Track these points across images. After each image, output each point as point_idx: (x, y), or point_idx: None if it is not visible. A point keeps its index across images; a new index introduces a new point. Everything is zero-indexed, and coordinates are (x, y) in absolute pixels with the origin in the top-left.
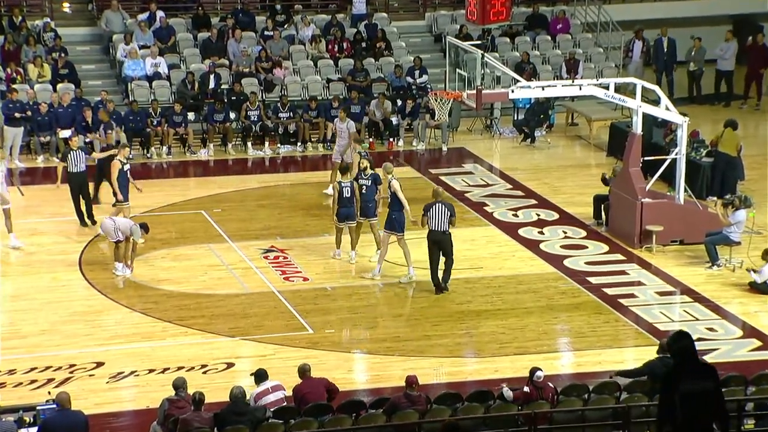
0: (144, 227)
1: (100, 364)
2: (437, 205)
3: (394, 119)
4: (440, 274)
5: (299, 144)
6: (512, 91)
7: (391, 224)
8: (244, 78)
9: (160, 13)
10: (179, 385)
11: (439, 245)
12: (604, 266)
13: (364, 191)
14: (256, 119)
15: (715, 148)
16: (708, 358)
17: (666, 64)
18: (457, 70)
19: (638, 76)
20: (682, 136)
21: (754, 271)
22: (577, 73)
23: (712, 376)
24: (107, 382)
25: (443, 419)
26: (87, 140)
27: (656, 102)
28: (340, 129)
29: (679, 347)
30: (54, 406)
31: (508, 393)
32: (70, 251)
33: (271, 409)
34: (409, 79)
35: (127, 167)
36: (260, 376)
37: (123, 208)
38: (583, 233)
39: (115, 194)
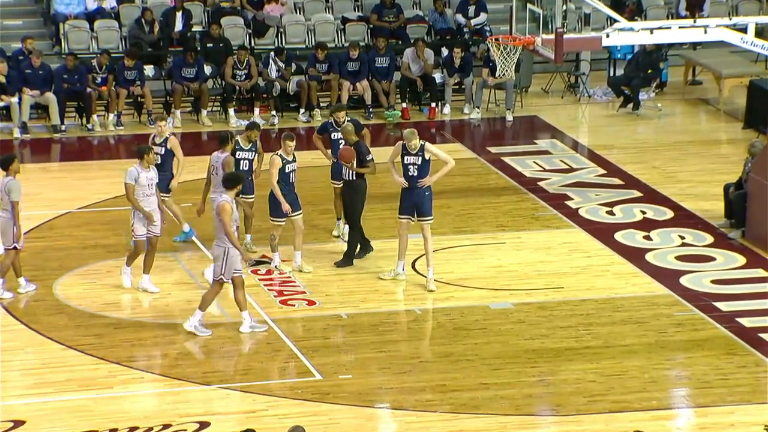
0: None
1: (19, 424)
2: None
3: (437, 76)
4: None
5: (302, 111)
6: (607, 36)
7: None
8: (224, 17)
9: None
10: None
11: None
12: (740, 286)
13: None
14: (243, 78)
15: None
16: None
17: None
18: (528, 5)
19: None
20: None
21: None
22: (701, 10)
23: None
24: None
25: None
26: (1, 104)
27: None
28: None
29: None
30: None
31: None
32: None
33: None
34: (459, 18)
35: (291, 167)
36: None
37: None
38: (709, 239)
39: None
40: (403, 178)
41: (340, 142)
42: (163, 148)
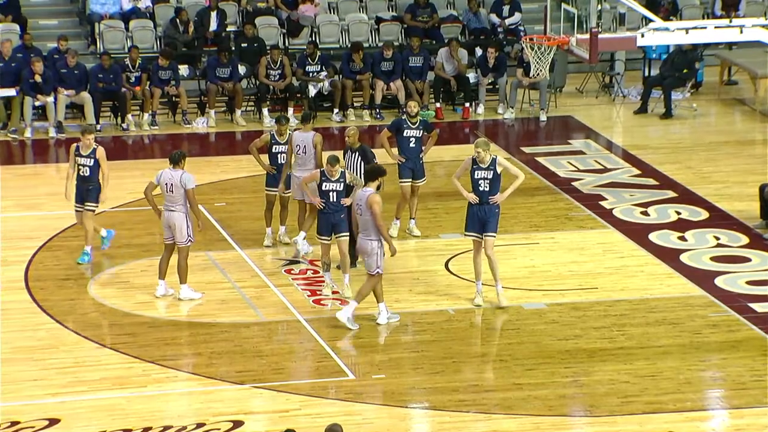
0: None
1: (53, 422)
2: (348, 154)
3: (471, 75)
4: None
5: (336, 111)
6: (642, 36)
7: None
8: (258, 17)
9: None
10: None
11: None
12: None
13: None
14: (277, 78)
15: None
16: None
17: None
18: (563, 5)
19: None
20: None
21: None
22: (737, 10)
23: None
24: None
25: None
26: (37, 103)
27: None
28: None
29: None
30: None
31: None
32: (12, 261)
33: None
34: (493, 18)
35: (331, 186)
36: None
37: None
38: (744, 240)
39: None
40: (473, 194)
41: (410, 140)
42: (92, 159)
